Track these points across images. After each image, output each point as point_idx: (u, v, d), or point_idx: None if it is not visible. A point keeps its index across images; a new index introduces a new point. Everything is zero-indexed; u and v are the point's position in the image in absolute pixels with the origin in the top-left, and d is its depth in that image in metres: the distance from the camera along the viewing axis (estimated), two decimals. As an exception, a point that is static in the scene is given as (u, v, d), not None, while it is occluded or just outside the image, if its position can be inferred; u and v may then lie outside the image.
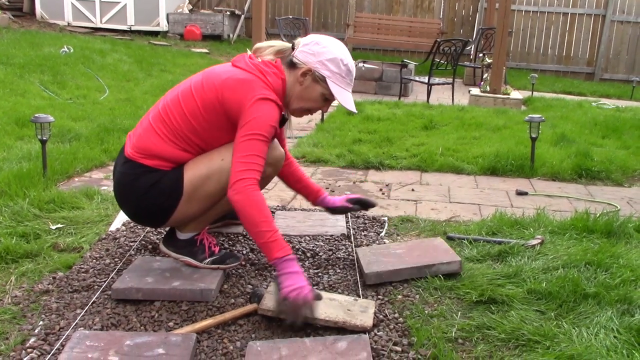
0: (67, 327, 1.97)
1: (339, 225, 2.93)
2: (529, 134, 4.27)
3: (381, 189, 3.78)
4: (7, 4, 11.38)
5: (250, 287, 2.29)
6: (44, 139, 3.42)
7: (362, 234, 2.90)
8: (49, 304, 2.12)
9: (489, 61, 8.23)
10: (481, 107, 7.38)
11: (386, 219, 3.12)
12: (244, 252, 2.62)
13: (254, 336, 1.96)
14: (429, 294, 2.26)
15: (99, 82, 7.10)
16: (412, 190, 3.80)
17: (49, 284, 2.26)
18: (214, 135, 2.19)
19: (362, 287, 2.32)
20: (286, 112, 2.36)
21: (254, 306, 2.08)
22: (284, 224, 2.91)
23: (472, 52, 10.81)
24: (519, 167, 4.26)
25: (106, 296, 2.17)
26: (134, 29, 11.60)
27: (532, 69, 11.88)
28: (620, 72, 12.26)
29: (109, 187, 3.50)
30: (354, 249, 2.64)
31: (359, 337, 1.89)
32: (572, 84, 11.01)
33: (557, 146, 4.97)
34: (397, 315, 2.12)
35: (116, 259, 2.49)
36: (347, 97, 2.24)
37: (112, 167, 3.97)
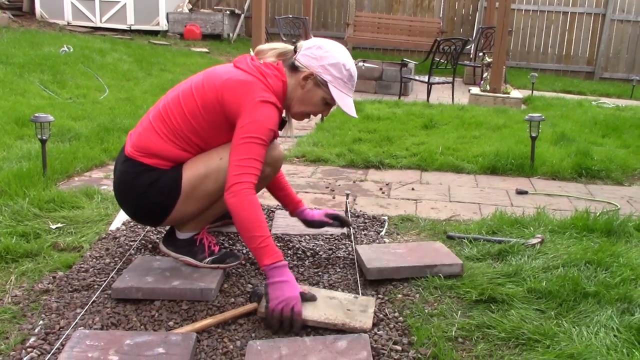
0: (67, 327, 1.97)
1: (334, 230, 2.92)
2: (529, 133, 4.27)
3: (381, 188, 3.78)
4: (6, 3, 11.38)
5: (250, 286, 2.29)
6: (44, 138, 3.41)
7: (362, 233, 2.90)
8: (49, 303, 2.12)
9: (489, 60, 8.23)
10: (481, 106, 7.38)
11: (386, 218, 3.12)
12: (244, 251, 2.62)
13: (254, 335, 1.96)
14: (429, 293, 2.26)
15: (98, 82, 7.09)
16: (412, 189, 3.80)
17: (49, 284, 2.26)
18: (214, 135, 2.19)
19: (362, 286, 2.32)
20: (287, 114, 2.36)
21: (254, 305, 2.08)
22: (284, 224, 2.90)
23: (472, 51, 10.81)
24: (519, 166, 4.26)
25: (106, 295, 2.17)
26: (133, 28, 11.60)
27: (532, 68, 11.88)
28: (620, 71, 12.26)
29: (109, 187, 3.50)
30: (355, 246, 2.63)
31: (359, 337, 1.89)
32: (572, 83, 11.01)
33: (557, 145, 4.97)
34: (397, 314, 2.12)
35: (116, 259, 2.49)
36: (348, 103, 2.23)
37: (112, 167, 3.98)
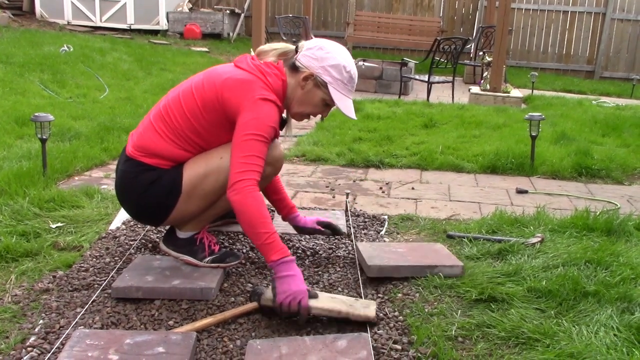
0: (67, 326, 1.97)
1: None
2: (529, 132, 4.27)
3: (381, 188, 3.78)
4: (6, 2, 11.37)
5: (250, 285, 2.29)
6: (44, 137, 3.41)
7: (362, 232, 2.90)
8: (49, 302, 2.12)
9: (489, 59, 8.23)
10: (481, 105, 7.38)
11: (386, 217, 3.12)
12: (244, 250, 2.62)
13: (254, 335, 1.96)
14: (429, 293, 2.26)
15: (98, 81, 7.09)
16: (412, 188, 3.80)
17: (49, 283, 2.26)
18: (214, 134, 2.20)
19: (362, 285, 2.32)
20: (287, 114, 2.36)
21: (254, 305, 2.08)
22: (284, 223, 2.90)
23: (472, 50, 10.81)
24: (519, 166, 4.26)
25: (106, 295, 2.17)
26: (133, 27, 11.59)
27: (532, 67, 11.88)
28: (620, 70, 12.26)
29: (109, 186, 3.51)
30: (355, 244, 2.64)
31: (359, 336, 1.89)
32: (572, 82, 11.01)
33: (557, 144, 4.97)
34: (397, 313, 2.12)
35: (116, 258, 2.49)
36: (347, 104, 2.24)
37: (112, 166, 3.99)
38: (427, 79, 7.84)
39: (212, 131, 2.19)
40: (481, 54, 9.66)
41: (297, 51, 2.27)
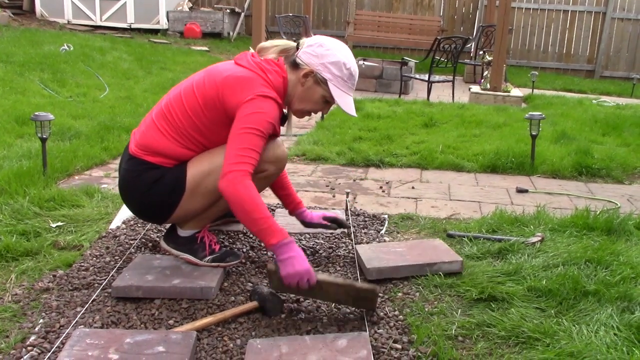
0: (67, 325, 1.97)
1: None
2: (529, 132, 4.26)
3: (381, 187, 3.78)
4: (6, 2, 11.37)
5: (250, 284, 2.29)
6: (44, 137, 3.41)
7: (362, 231, 2.90)
8: (49, 302, 2.12)
9: (489, 59, 8.22)
10: (481, 104, 7.38)
11: (386, 216, 3.12)
12: (244, 250, 2.62)
13: (254, 334, 1.97)
14: (429, 292, 2.26)
15: (99, 80, 7.09)
16: (413, 187, 3.80)
17: (49, 282, 2.26)
18: (215, 132, 2.20)
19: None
20: (288, 111, 2.37)
21: (254, 304, 2.08)
22: (284, 222, 2.90)
23: (472, 49, 10.80)
24: (519, 165, 4.26)
25: (106, 294, 2.18)
26: (133, 27, 11.59)
27: (533, 67, 11.87)
28: (620, 69, 12.25)
29: (109, 185, 3.51)
30: (354, 246, 2.64)
31: (359, 335, 1.90)
32: (573, 81, 11.00)
33: (557, 144, 4.97)
34: (397, 312, 2.12)
35: (116, 257, 2.49)
36: (347, 101, 2.23)
37: (112, 165, 3.99)
38: (427, 78, 7.84)
39: (214, 129, 2.19)
40: (481, 53, 9.65)
41: (298, 48, 2.27)
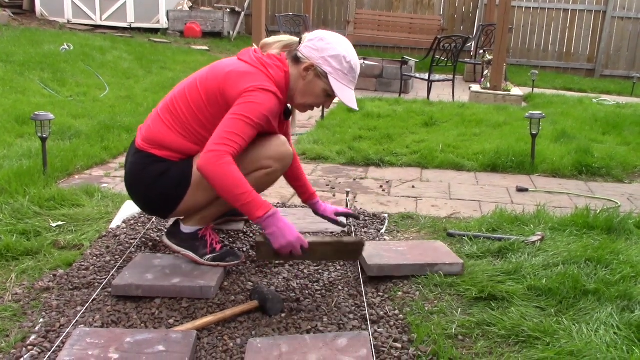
0: (67, 325, 1.97)
1: (340, 219, 2.92)
2: (529, 131, 4.26)
3: (381, 186, 3.78)
4: (7, 1, 11.37)
5: (250, 284, 2.29)
6: (44, 136, 3.41)
7: (363, 230, 2.90)
8: (50, 301, 2.12)
9: (490, 58, 8.21)
10: (482, 103, 7.37)
11: (386, 215, 3.12)
12: (244, 249, 2.62)
13: (254, 333, 1.97)
14: (429, 291, 2.26)
15: (99, 80, 7.09)
16: (413, 187, 3.80)
17: (49, 282, 2.27)
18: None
19: (362, 283, 2.32)
20: (292, 108, 2.40)
21: (254, 303, 2.08)
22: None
23: (472, 48, 10.80)
24: (520, 164, 4.26)
25: (106, 293, 2.18)
26: (134, 26, 11.58)
27: (533, 66, 11.85)
28: (620, 68, 12.24)
29: (109, 185, 3.51)
30: (363, 238, 2.63)
31: (359, 334, 1.90)
32: (573, 80, 11.00)
33: (557, 143, 4.97)
34: (397, 311, 2.12)
35: (116, 256, 2.49)
36: (348, 94, 2.24)
37: (112, 165, 3.99)
38: (427, 78, 7.83)
39: (217, 125, 2.19)
40: (481, 52, 9.64)
41: (300, 43, 2.29)
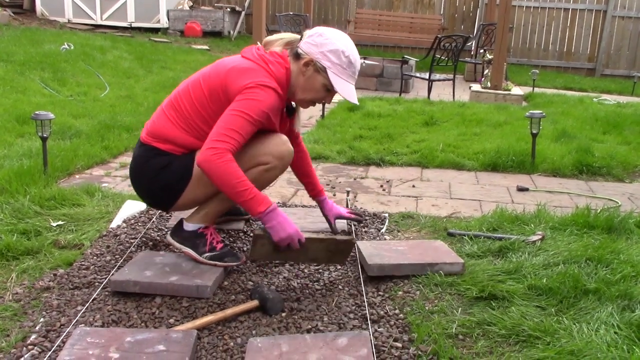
0: (67, 324, 1.97)
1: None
2: (529, 130, 4.26)
3: (382, 185, 3.78)
4: (7, 1, 11.37)
5: (251, 283, 2.29)
6: (45, 136, 3.41)
7: (363, 230, 2.90)
8: (50, 300, 2.12)
9: (490, 57, 8.21)
10: (482, 103, 7.37)
11: (387, 215, 3.12)
12: (245, 248, 2.62)
13: (254, 332, 1.97)
14: (430, 290, 2.26)
15: (99, 79, 7.09)
16: (413, 186, 3.80)
17: (49, 281, 2.27)
18: None
19: (363, 283, 2.32)
20: (297, 105, 2.44)
21: (254, 303, 2.08)
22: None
23: (472, 48, 10.79)
24: (520, 163, 4.26)
25: (107, 293, 2.18)
26: (134, 25, 11.58)
27: (533, 65, 11.84)
28: (621, 67, 12.24)
29: (110, 184, 3.51)
30: (354, 237, 2.63)
31: (359, 334, 1.90)
32: (573, 79, 10.99)
33: (558, 142, 4.96)
34: (397, 311, 2.12)
35: (117, 256, 2.49)
36: (347, 88, 2.27)
37: (112, 164, 4.00)
38: (427, 77, 7.83)
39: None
40: (482, 51, 9.64)
41: (301, 40, 2.32)
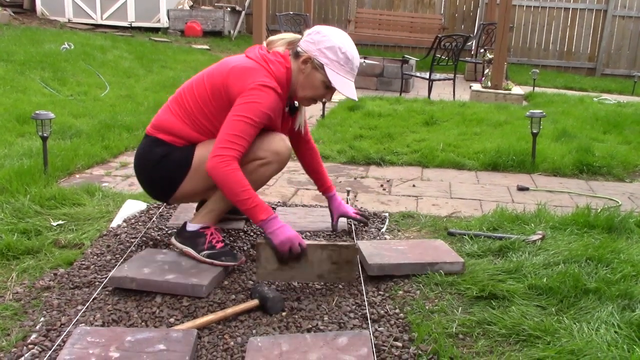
0: (68, 323, 1.97)
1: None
2: (530, 130, 4.26)
3: (382, 185, 3.78)
4: (7, 0, 11.37)
5: (251, 283, 2.29)
6: (45, 135, 3.42)
7: (363, 229, 2.90)
8: (50, 300, 2.13)
9: (490, 57, 8.21)
10: (482, 102, 7.36)
11: (387, 214, 3.12)
12: (245, 248, 2.62)
13: (254, 332, 1.97)
14: (430, 290, 2.26)
15: (99, 79, 7.09)
16: (413, 186, 3.80)
17: (50, 280, 2.27)
18: (222, 121, 2.28)
19: (363, 282, 2.32)
20: (299, 104, 2.48)
21: (255, 302, 2.08)
22: (285, 220, 2.88)
23: (473, 47, 10.79)
24: (520, 163, 4.26)
25: (107, 292, 2.18)
26: (134, 25, 11.58)
27: (534, 65, 11.84)
28: (621, 67, 12.23)
29: (110, 184, 3.51)
30: (356, 242, 2.63)
31: (359, 333, 1.90)
32: (574, 79, 10.99)
33: (558, 141, 4.96)
34: (397, 310, 2.12)
35: (117, 255, 2.50)
36: (344, 84, 2.30)
37: (113, 164, 4.01)
38: (428, 77, 7.83)
39: (221, 118, 2.29)
40: (482, 51, 9.64)
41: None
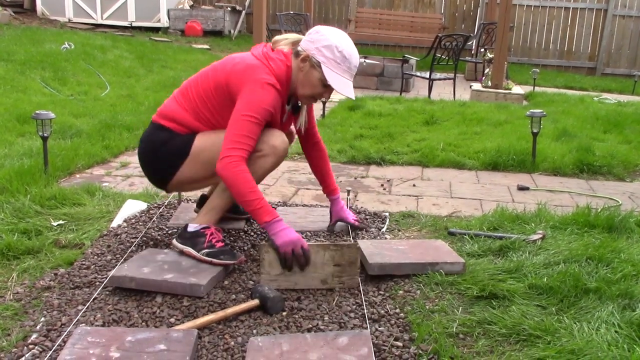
0: (68, 323, 1.97)
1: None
2: (530, 129, 4.26)
3: (382, 185, 3.78)
4: (7, 0, 11.37)
5: (251, 283, 2.29)
6: (45, 135, 3.42)
7: (364, 230, 2.90)
8: (51, 300, 2.13)
9: (491, 56, 8.20)
10: (483, 102, 7.36)
11: (387, 214, 3.12)
12: (245, 248, 2.62)
13: (255, 332, 1.97)
14: (430, 289, 2.26)
15: (100, 79, 7.09)
16: (414, 185, 3.80)
17: (50, 280, 2.27)
18: (225, 115, 2.35)
19: (363, 282, 2.32)
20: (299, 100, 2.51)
21: (255, 302, 2.08)
22: (285, 220, 2.89)
23: (473, 47, 10.79)
24: (521, 162, 4.26)
25: (107, 292, 2.18)
26: (134, 25, 11.59)
27: (534, 64, 11.84)
28: (622, 66, 12.23)
29: (110, 184, 3.51)
30: (357, 242, 2.63)
31: (360, 333, 1.90)
32: (574, 78, 10.98)
33: (558, 141, 4.96)
34: (398, 310, 2.12)
35: (117, 255, 2.50)
36: (341, 82, 2.33)
37: (113, 164, 4.01)
38: (428, 76, 7.83)
39: (223, 113, 2.35)
40: (482, 50, 9.64)
41: None
